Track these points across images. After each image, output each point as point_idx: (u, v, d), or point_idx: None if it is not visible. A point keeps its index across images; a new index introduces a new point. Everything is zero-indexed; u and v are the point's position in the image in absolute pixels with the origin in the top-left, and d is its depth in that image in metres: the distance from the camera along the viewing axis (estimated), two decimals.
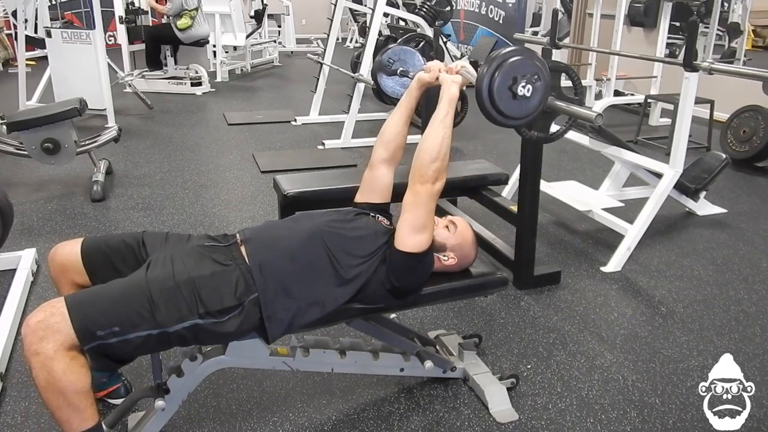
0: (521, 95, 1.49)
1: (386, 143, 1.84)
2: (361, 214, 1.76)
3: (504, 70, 1.49)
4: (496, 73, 1.49)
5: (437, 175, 1.58)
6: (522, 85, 1.48)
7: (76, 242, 1.63)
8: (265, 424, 1.81)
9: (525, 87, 1.49)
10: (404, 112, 1.86)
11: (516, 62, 1.50)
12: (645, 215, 2.91)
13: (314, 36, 10.46)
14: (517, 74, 1.49)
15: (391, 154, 1.84)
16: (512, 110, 1.52)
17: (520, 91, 1.48)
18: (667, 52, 5.65)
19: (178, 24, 6.59)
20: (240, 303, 1.48)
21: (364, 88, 4.96)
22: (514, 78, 1.48)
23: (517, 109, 1.52)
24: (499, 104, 1.49)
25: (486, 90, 1.49)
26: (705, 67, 2.75)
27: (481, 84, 1.50)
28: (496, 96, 1.49)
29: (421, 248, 1.61)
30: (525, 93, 1.49)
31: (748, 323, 2.40)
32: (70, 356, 1.33)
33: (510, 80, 1.49)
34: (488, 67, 1.51)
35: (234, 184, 3.97)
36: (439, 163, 1.58)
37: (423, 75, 1.79)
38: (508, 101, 1.50)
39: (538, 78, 1.51)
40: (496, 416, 1.84)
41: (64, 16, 6.61)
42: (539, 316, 2.43)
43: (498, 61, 1.51)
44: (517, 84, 1.48)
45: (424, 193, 1.58)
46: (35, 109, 4.08)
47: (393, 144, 1.84)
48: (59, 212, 3.42)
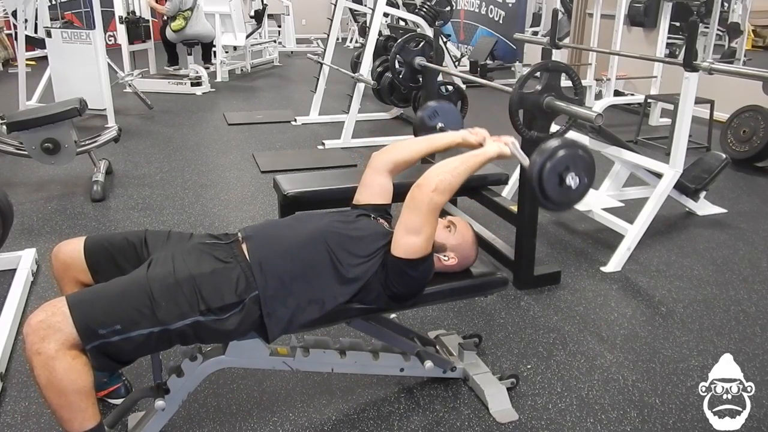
0: (567, 185, 1.56)
1: (397, 161, 1.85)
2: (363, 215, 1.76)
3: (561, 157, 1.56)
4: (555, 155, 1.56)
5: (438, 185, 1.56)
6: (572, 176, 1.56)
7: (79, 240, 1.63)
8: (265, 424, 1.82)
9: (573, 179, 1.56)
10: (428, 149, 1.91)
11: (574, 154, 1.57)
12: (645, 215, 2.91)
13: (314, 36, 10.46)
14: (570, 164, 1.56)
15: (395, 168, 1.86)
16: (555, 195, 1.58)
17: (568, 181, 1.56)
18: (667, 52, 5.65)
19: (172, 25, 6.61)
20: (241, 300, 1.48)
21: (364, 88, 4.96)
22: (567, 166, 1.55)
23: (560, 196, 1.58)
24: (546, 185, 1.56)
25: (540, 163, 1.55)
26: (705, 67, 2.75)
27: (537, 156, 1.57)
28: (545, 176, 1.55)
29: (415, 254, 1.58)
30: (571, 184, 1.56)
31: (748, 323, 2.40)
32: (72, 356, 1.33)
33: (563, 167, 1.56)
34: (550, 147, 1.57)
35: (234, 184, 3.97)
36: (446, 176, 1.58)
37: (469, 137, 1.84)
38: (554, 185, 1.56)
39: (586, 176, 1.59)
40: (496, 416, 1.84)
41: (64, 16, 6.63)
42: (539, 316, 2.43)
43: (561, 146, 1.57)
44: (567, 173, 1.56)
45: (420, 199, 1.56)
46: (35, 109, 4.08)
47: (402, 165, 1.87)
48: (59, 212, 3.43)
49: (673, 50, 6.16)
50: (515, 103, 2.27)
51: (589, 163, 1.60)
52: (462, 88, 5.16)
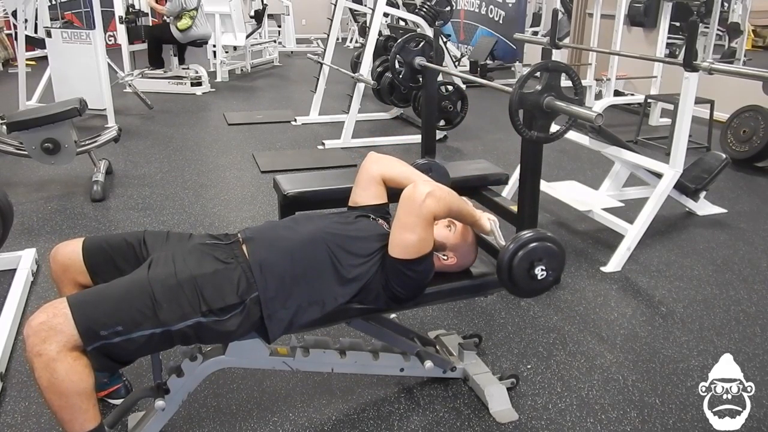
0: (533, 274, 1.58)
1: (389, 180, 1.85)
2: (362, 216, 1.76)
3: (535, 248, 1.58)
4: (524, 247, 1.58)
5: (435, 191, 1.55)
6: (541, 268, 1.58)
7: (77, 241, 1.63)
8: (265, 424, 1.82)
9: (542, 271, 1.59)
10: None
11: (549, 249, 1.60)
12: (645, 215, 2.91)
13: (314, 36, 10.46)
14: (544, 257, 1.59)
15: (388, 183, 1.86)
16: (520, 280, 1.60)
17: (536, 271, 1.58)
18: (667, 52, 5.65)
19: (179, 25, 6.59)
20: (242, 301, 1.48)
21: (364, 88, 4.96)
22: (540, 258, 1.58)
23: (524, 283, 1.61)
24: (515, 269, 1.58)
25: (510, 253, 1.58)
26: (705, 67, 2.75)
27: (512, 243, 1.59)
28: (515, 264, 1.57)
29: (412, 254, 1.57)
30: (537, 275, 1.58)
31: (748, 323, 2.40)
32: (73, 357, 1.33)
33: (536, 257, 1.58)
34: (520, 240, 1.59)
35: (234, 184, 3.97)
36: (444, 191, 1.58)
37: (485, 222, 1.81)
38: (523, 273, 1.59)
39: (554, 273, 1.61)
40: (496, 416, 1.85)
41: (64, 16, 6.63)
42: (539, 316, 2.43)
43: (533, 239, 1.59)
44: (537, 265, 1.58)
45: (415, 197, 1.54)
46: (35, 109, 4.08)
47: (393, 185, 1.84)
48: (59, 212, 3.43)
49: (673, 50, 6.16)
50: (515, 103, 2.27)
51: (560, 260, 1.63)
52: (462, 88, 5.16)
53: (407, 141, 4.96)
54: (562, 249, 1.63)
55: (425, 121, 3.84)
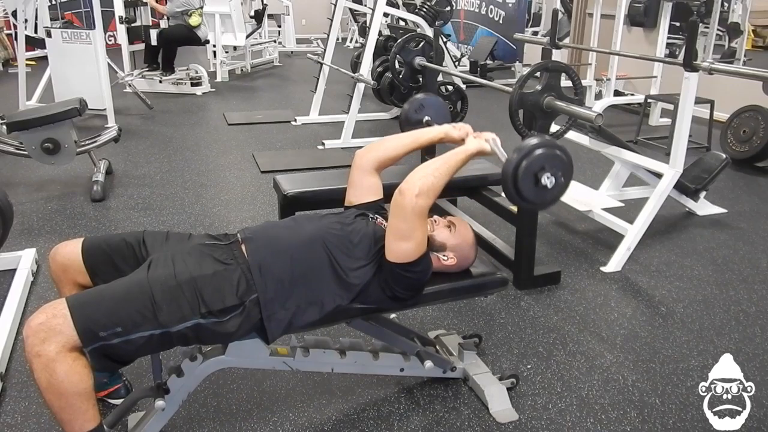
0: (543, 184, 1.55)
1: (381, 159, 1.86)
2: (360, 215, 1.76)
3: (537, 156, 1.55)
4: (531, 154, 1.55)
5: (422, 190, 1.54)
6: (547, 175, 1.55)
7: (77, 242, 1.63)
8: (265, 424, 1.82)
9: (549, 179, 1.55)
10: (413, 145, 1.90)
11: (550, 154, 1.56)
12: (645, 215, 2.91)
13: (314, 36, 10.45)
14: (546, 164, 1.55)
15: (380, 166, 1.87)
16: (530, 194, 1.57)
17: (543, 181, 1.55)
18: (667, 52, 5.65)
19: (191, 22, 6.54)
20: (241, 302, 1.48)
21: (364, 88, 4.96)
22: (542, 166, 1.55)
23: (535, 195, 1.58)
24: (521, 184, 1.55)
25: (513, 166, 1.54)
26: (705, 67, 2.75)
27: (512, 157, 1.56)
28: (521, 175, 1.55)
29: (407, 258, 1.57)
30: (547, 184, 1.55)
31: (748, 323, 2.40)
32: (72, 358, 1.33)
33: (538, 167, 1.55)
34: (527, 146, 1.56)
35: (234, 184, 3.97)
36: (429, 179, 1.56)
37: (452, 132, 1.83)
38: (529, 185, 1.56)
39: (563, 176, 1.58)
40: (496, 416, 1.84)
41: (64, 16, 6.61)
42: (539, 316, 2.43)
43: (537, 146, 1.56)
44: (543, 173, 1.55)
45: (404, 205, 1.54)
46: (35, 109, 4.08)
47: (387, 162, 1.88)
48: (59, 212, 3.42)
49: (673, 50, 6.16)
50: (515, 103, 2.27)
51: (566, 164, 1.59)
52: (462, 88, 5.16)
53: None
54: (565, 151, 1.59)
55: None
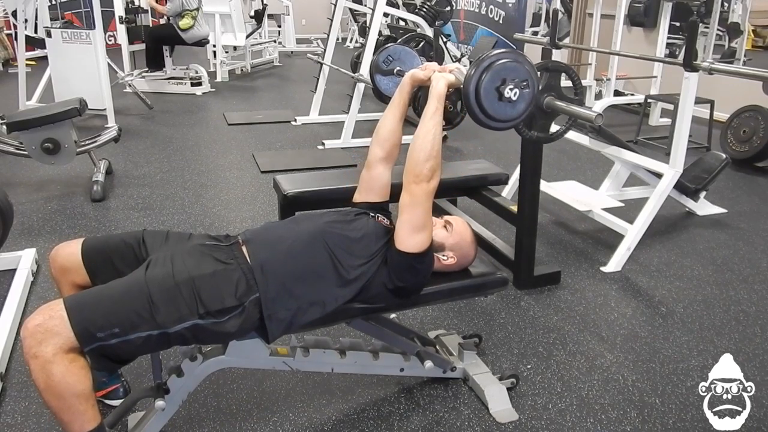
0: (507, 98, 1.48)
1: (382, 142, 1.84)
2: (361, 214, 1.76)
3: (495, 70, 1.48)
4: (487, 70, 1.48)
5: (431, 173, 1.59)
6: (510, 87, 1.48)
7: (77, 243, 1.63)
8: (265, 424, 1.81)
9: (512, 90, 1.48)
10: (397, 109, 1.85)
11: (508, 65, 1.49)
12: (645, 215, 2.91)
13: (314, 36, 10.45)
14: (506, 77, 1.48)
15: (387, 153, 1.84)
16: (496, 111, 1.51)
17: (507, 94, 1.48)
18: (667, 52, 5.65)
19: (180, 24, 6.58)
20: (241, 303, 1.48)
21: (364, 88, 4.96)
22: (503, 79, 1.47)
23: (501, 111, 1.52)
24: (484, 102, 1.48)
25: (473, 84, 1.48)
26: (705, 67, 2.75)
27: (469, 78, 1.49)
28: (483, 92, 1.48)
29: (422, 248, 1.61)
30: (511, 96, 1.48)
31: (748, 323, 2.40)
32: (69, 359, 1.33)
33: (498, 81, 1.48)
34: (480, 63, 1.49)
35: (234, 184, 3.97)
36: (432, 161, 1.59)
37: (417, 72, 1.80)
38: (493, 101, 1.49)
39: (527, 85, 1.50)
40: (496, 416, 1.84)
41: (64, 16, 6.61)
42: (539, 316, 2.43)
43: (491, 59, 1.50)
44: (505, 86, 1.48)
45: (420, 193, 1.58)
46: (35, 109, 4.08)
47: (389, 142, 1.84)
48: (59, 212, 3.42)
49: (673, 50, 6.16)
50: None
51: (527, 71, 1.51)
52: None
53: (407, 141, 4.91)
54: (525, 59, 1.51)
55: None
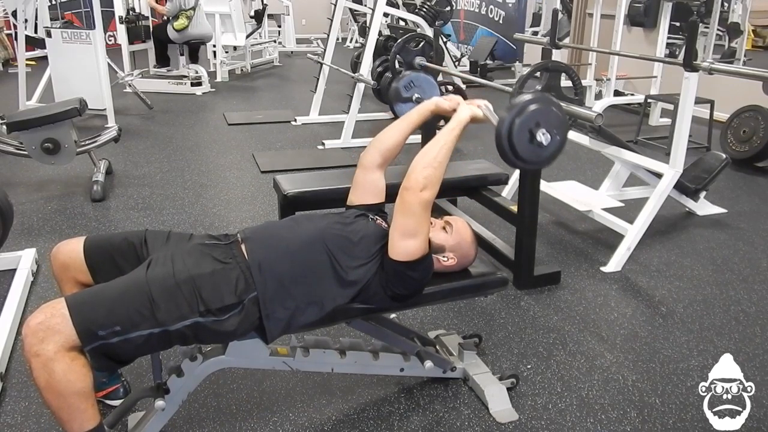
0: (538, 141, 1.52)
1: (383, 151, 1.85)
2: (360, 216, 1.76)
3: (533, 111, 1.53)
4: (524, 111, 1.52)
5: (426, 183, 1.55)
6: (542, 132, 1.52)
7: (78, 240, 1.63)
8: (265, 424, 1.82)
9: (544, 135, 1.52)
10: (408, 127, 1.88)
11: (546, 110, 1.54)
12: (645, 215, 2.91)
13: (314, 36, 10.46)
14: (541, 120, 1.52)
15: (385, 160, 1.86)
16: (524, 151, 1.55)
17: (539, 137, 1.52)
18: (667, 52, 5.65)
19: (175, 25, 6.60)
20: (240, 301, 1.48)
21: (364, 88, 4.96)
22: (537, 122, 1.52)
23: (529, 152, 1.55)
24: (515, 140, 1.52)
25: (509, 121, 1.52)
26: (705, 67, 2.75)
27: (506, 114, 1.53)
28: (516, 130, 1.52)
29: (413, 256, 1.57)
30: (542, 140, 1.52)
31: (748, 323, 2.40)
32: (71, 357, 1.33)
33: (533, 123, 1.52)
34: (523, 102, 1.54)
35: (234, 184, 3.97)
36: (431, 171, 1.57)
37: (442, 103, 1.82)
38: (524, 141, 1.53)
39: (558, 134, 1.55)
40: (496, 416, 1.84)
41: (64, 16, 6.62)
42: (539, 316, 2.43)
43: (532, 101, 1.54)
44: (539, 129, 1.52)
45: (412, 201, 1.55)
46: (35, 109, 4.08)
47: (389, 153, 1.86)
48: (59, 212, 3.42)
49: (673, 50, 6.16)
50: None
51: (561, 119, 1.55)
52: (462, 88, 5.16)
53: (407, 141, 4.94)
54: (559, 105, 1.56)
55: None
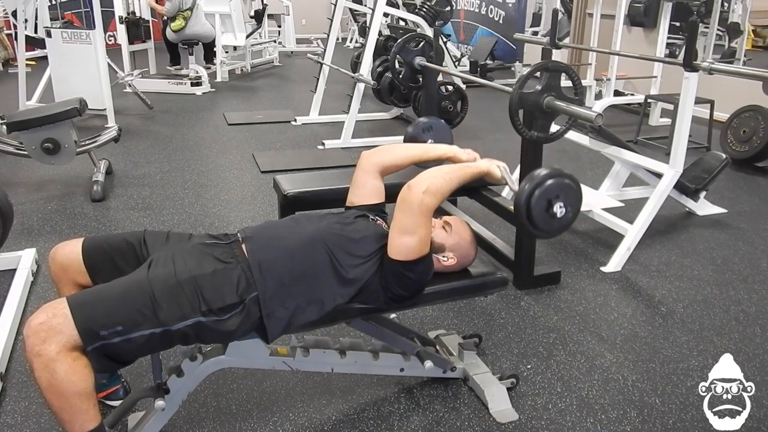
0: (553, 212, 1.58)
1: (387, 165, 1.86)
2: (361, 216, 1.76)
3: (557, 183, 1.59)
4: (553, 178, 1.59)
5: (430, 187, 1.55)
6: (560, 204, 1.59)
7: (77, 242, 1.63)
8: (265, 424, 1.82)
9: (561, 208, 1.59)
10: (421, 158, 1.90)
11: (569, 186, 1.61)
12: (645, 215, 2.91)
13: (314, 36, 10.45)
14: (561, 194, 1.59)
15: (385, 171, 1.87)
16: (538, 217, 1.60)
17: (555, 209, 1.58)
18: (667, 52, 5.65)
19: (172, 26, 6.62)
20: (241, 300, 1.48)
21: (364, 88, 4.96)
22: (557, 195, 1.59)
23: (542, 220, 1.60)
24: (534, 209, 1.58)
25: (537, 181, 1.58)
26: (705, 67, 2.75)
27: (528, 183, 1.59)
28: (538, 194, 1.57)
29: (410, 256, 1.57)
30: (557, 212, 1.58)
31: (748, 323, 2.40)
32: (73, 357, 1.33)
33: (554, 194, 1.59)
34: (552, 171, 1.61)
35: (234, 184, 3.97)
36: (438, 180, 1.58)
37: (460, 154, 1.83)
38: (541, 209, 1.59)
39: (571, 211, 1.62)
40: (496, 416, 1.85)
41: (64, 16, 6.63)
42: (539, 316, 2.43)
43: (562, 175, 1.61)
44: (557, 201, 1.58)
45: (411, 200, 1.55)
46: (35, 109, 4.08)
47: (392, 169, 1.88)
48: (59, 212, 3.42)
49: (673, 50, 6.16)
50: (515, 103, 2.27)
51: (578, 196, 1.63)
52: (462, 88, 5.16)
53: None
54: (576, 182, 1.63)
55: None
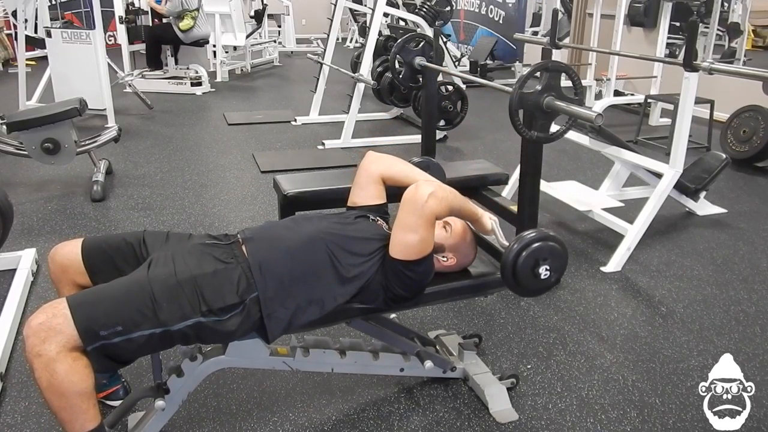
0: (537, 272, 1.59)
1: (390, 177, 1.85)
2: (361, 216, 1.76)
3: (548, 246, 1.60)
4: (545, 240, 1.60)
5: (436, 190, 1.56)
6: (546, 267, 1.60)
7: (77, 242, 1.63)
8: (265, 424, 1.82)
9: (547, 271, 1.60)
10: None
11: (558, 252, 1.62)
12: (645, 215, 2.91)
13: (314, 36, 10.46)
14: (548, 257, 1.60)
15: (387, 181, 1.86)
16: (521, 277, 1.60)
17: (541, 271, 1.59)
18: (667, 52, 5.65)
19: (181, 25, 6.59)
20: (242, 301, 1.48)
21: (364, 88, 4.96)
22: (545, 258, 1.59)
23: (526, 280, 1.61)
24: (520, 270, 1.59)
25: (528, 240, 1.59)
26: (705, 67, 2.75)
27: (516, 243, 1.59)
28: (527, 252, 1.58)
29: (412, 255, 1.57)
30: (541, 273, 1.59)
31: (748, 323, 2.40)
32: (73, 357, 1.33)
33: (542, 255, 1.59)
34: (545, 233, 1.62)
35: (234, 184, 3.97)
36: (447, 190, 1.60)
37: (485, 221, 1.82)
38: (527, 270, 1.59)
39: (556, 277, 1.64)
40: (496, 416, 1.85)
41: (64, 16, 6.61)
42: (539, 316, 2.43)
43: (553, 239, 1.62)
44: (543, 264, 1.59)
45: (417, 198, 1.55)
46: (35, 109, 4.08)
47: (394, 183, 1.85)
48: (59, 212, 3.42)
49: (673, 50, 6.16)
50: (515, 103, 2.27)
51: (563, 265, 1.65)
52: (462, 88, 5.15)
53: (407, 141, 4.96)
54: (565, 249, 1.64)
55: (425, 121, 3.84)
